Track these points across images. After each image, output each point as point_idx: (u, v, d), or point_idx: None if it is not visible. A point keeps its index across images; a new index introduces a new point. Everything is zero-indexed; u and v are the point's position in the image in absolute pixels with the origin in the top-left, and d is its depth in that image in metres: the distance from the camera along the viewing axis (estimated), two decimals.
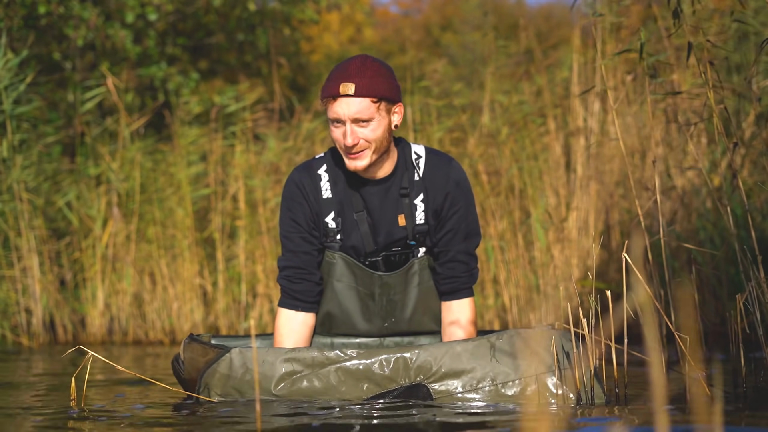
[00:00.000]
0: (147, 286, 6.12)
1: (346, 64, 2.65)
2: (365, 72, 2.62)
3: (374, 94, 2.60)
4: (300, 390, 2.47)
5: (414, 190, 2.75)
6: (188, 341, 2.61)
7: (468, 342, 2.50)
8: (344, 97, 2.59)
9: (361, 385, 2.46)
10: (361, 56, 2.67)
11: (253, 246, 6.07)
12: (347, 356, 2.47)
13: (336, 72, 2.64)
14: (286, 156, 6.26)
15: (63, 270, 6.15)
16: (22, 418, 2.44)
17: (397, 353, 2.46)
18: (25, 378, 3.76)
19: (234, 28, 8.37)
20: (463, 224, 2.77)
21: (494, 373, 2.46)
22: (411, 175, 2.75)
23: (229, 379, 2.49)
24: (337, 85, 2.61)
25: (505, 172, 5.47)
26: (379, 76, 2.63)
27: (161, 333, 6.07)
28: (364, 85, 2.60)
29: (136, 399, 2.88)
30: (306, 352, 2.49)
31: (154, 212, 6.18)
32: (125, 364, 4.26)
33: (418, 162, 2.76)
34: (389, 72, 2.68)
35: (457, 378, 2.46)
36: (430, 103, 5.87)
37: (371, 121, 2.62)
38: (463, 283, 2.77)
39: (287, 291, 2.75)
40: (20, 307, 5.85)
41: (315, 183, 2.77)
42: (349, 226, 2.75)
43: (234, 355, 2.50)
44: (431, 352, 2.46)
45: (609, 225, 5.26)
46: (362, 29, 19.35)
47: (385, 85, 2.63)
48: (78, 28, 6.92)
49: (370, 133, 2.63)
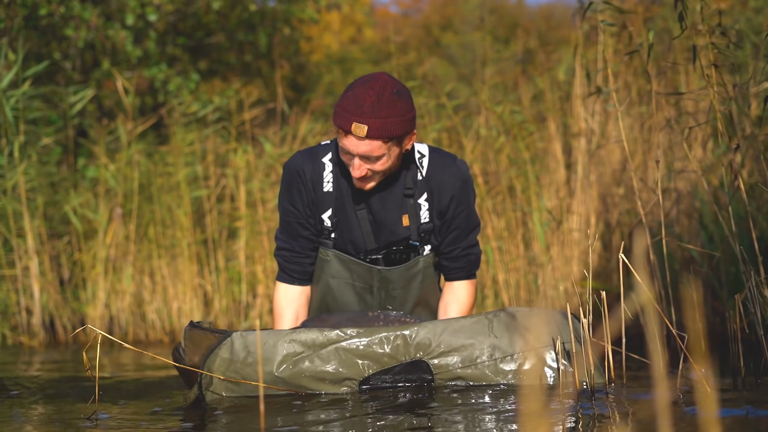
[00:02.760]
0: (147, 286, 6.12)
1: (363, 95, 2.53)
2: (380, 110, 2.52)
3: (387, 136, 2.54)
4: (302, 371, 2.48)
5: (417, 189, 2.74)
6: (189, 328, 2.63)
7: (466, 318, 2.56)
8: (354, 137, 2.54)
9: (362, 364, 2.49)
10: (378, 86, 2.55)
11: (253, 246, 6.08)
12: (347, 335, 2.50)
13: (351, 103, 2.54)
14: (283, 159, 6.28)
15: (63, 270, 6.15)
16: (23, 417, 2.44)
17: (397, 331, 2.51)
18: (24, 377, 3.76)
19: (234, 28, 8.37)
20: (467, 221, 2.79)
21: (492, 349, 2.50)
22: (414, 175, 2.73)
23: (231, 363, 2.50)
24: (350, 122, 2.52)
25: (504, 173, 5.47)
26: (393, 114, 2.53)
27: (161, 333, 6.07)
28: (378, 126, 2.52)
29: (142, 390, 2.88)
30: (306, 333, 2.51)
31: (153, 212, 6.19)
32: (125, 364, 4.26)
33: (421, 161, 2.74)
34: (405, 104, 2.57)
35: (456, 354, 2.50)
36: (422, 104, 5.86)
37: (382, 157, 2.59)
38: (467, 270, 2.85)
39: (283, 268, 2.84)
40: (20, 307, 5.85)
41: (317, 172, 2.74)
42: (350, 222, 2.74)
43: (235, 338, 2.51)
44: (430, 329, 2.51)
45: (609, 225, 5.25)
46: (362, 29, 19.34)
47: (399, 125, 2.55)
48: (79, 28, 6.92)
49: (379, 166, 2.61)
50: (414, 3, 25.44)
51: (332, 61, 13.64)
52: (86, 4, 7.07)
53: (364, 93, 2.53)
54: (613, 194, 5.24)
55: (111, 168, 6.23)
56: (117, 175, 6.23)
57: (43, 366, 4.44)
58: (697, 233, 4.54)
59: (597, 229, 5.19)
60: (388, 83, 2.55)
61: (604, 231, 5.20)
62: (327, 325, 2.65)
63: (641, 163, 5.06)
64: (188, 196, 6.16)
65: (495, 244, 5.39)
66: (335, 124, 2.56)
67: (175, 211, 6.15)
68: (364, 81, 2.57)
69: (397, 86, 2.57)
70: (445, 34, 18.66)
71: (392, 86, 2.55)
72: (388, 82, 2.55)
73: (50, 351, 5.37)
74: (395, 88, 2.56)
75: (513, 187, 5.49)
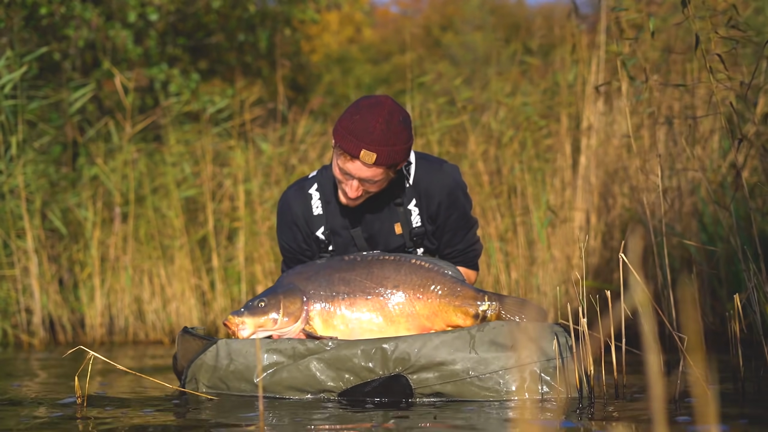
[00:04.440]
0: (146, 286, 6.11)
1: (372, 122, 2.56)
2: (389, 139, 2.56)
3: (391, 164, 2.60)
4: (281, 380, 2.48)
5: (406, 197, 2.78)
6: (181, 334, 2.63)
7: (447, 333, 2.50)
8: (361, 163, 2.57)
9: (341, 376, 2.47)
10: (386, 112, 2.57)
11: (252, 247, 6.07)
12: (327, 347, 2.48)
13: (359, 129, 2.56)
14: (283, 158, 6.28)
15: (62, 270, 6.15)
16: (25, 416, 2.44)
17: (376, 344, 2.47)
18: (25, 377, 3.76)
19: (234, 29, 8.37)
20: (461, 222, 2.82)
21: (472, 366, 2.44)
22: (402, 183, 2.77)
23: (215, 370, 2.51)
24: (359, 148, 2.55)
25: (509, 171, 5.47)
26: (399, 143, 2.58)
27: (161, 333, 6.06)
28: (386, 155, 2.56)
29: (136, 397, 2.87)
30: (287, 343, 2.51)
31: (148, 213, 6.18)
32: (125, 364, 4.26)
33: (408, 168, 2.78)
34: (408, 132, 2.62)
35: (436, 370, 2.45)
36: (431, 107, 5.86)
37: (380, 181, 2.64)
38: (471, 266, 2.92)
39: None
40: (20, 307, 5.84)
41: (306, 203, 2.83)
42: (345, 242, 2.81)
43: (221, 346, 2.52)
44: (410, 344, 2.46)
45: (610, 224, 5.25)
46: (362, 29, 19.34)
47: (403, 153, 2.61)
48: (79, 28, 6.92)
49: (375, 188, 2.67)
50: (414, 3, 25.44)
51: (332, 60, 13.63)
52: (87, 4, 7.07)
53: (373, 120, 2.56)
54: (614, 193, 5.24)
55: (107, 168, 6.23)
56: (114, 175, 6.23)
57: (42, 366, 4.43)
58: (698, 232, 4.54)
59: (597, 228, 5.18)
60: (395, 110, 2.59)
61: (605, 229, 5.20)
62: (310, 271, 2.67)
63: (643, 162, 5.06)
64: (177, 195, 6.16)
65: (497, 244, 5.38)
66: (341, 147, 2.58)
67: (166, 211, 6.16)
68: (371, 105, 2.59)
69: (402, 113, 2.61)
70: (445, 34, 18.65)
71: (399, 114, 2.60)
72: (395, 109, 2.59)
73: (50, 350, 5.36)
74: (401, 115, 2.60)
75: (515, 186, 5.48)
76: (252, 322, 2.60)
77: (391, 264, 2.65)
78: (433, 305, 2.63)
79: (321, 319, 2.62)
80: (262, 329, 2.60)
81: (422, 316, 2.63)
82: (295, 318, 2.61)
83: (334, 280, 2.64)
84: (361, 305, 2.62)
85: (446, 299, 2.63)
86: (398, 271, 2.64)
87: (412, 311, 2.63)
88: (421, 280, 2.64)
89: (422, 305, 2.63)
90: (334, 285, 2.63)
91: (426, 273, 2.65)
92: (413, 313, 2.63)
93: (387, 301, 2.62)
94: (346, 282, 2.64)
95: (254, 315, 2.60)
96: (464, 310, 2.63)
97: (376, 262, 2.66)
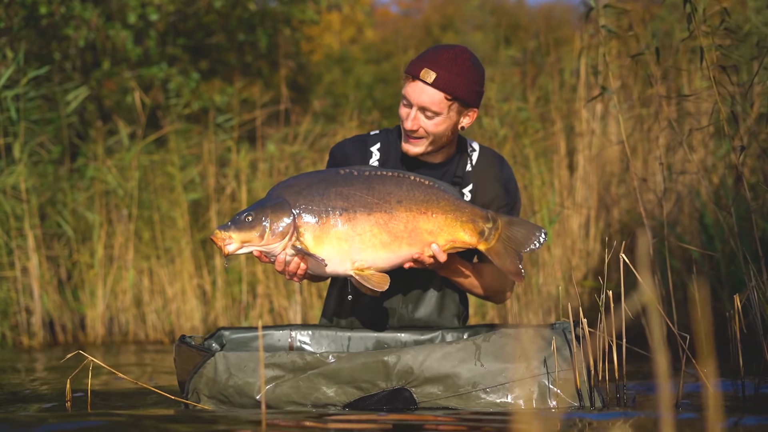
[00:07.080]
0: (146, 287, 6.11)
1: (441, 50, 2.61)
2: (453, 67, 2.58)
3: (451, 92, 2.58)
4: (282, 395, 2.42)
5: (464, 180, 2.75)
6: (178, 344, 2.57)
7: (452, 344, 2.41)
8: (421, 82, 2.57)
9: (343, 390, 2.40)
10: (459, 48, 2.62)
11: None
12: (328, 361, 2.40)
13: (428, 53, 2.61)
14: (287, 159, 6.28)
15: (62, 270, 6.15)
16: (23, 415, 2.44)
17: (378, 357, 2.39)
18: (26, 376, 3.76)
19: (234, 29, 8.37)
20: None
21: (478, 378, 2.37)
22: (464, 165, 2.75)
23: (215, 383, 2.46)
24: (421, 67, 2.58)
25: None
26: (464, 76, 2.58)
27: (161, 333, 6.06)
28: (446, 79, 2.57)
29: (135, 403, 2.87)
30: (287, 356, 2.43)
31: (151, 213, 6.18)
32: (125, 364, 4.26)
33: (471, 154, 2.77)
34: (478, 76, 2.62)
35: (440, 383, 2.38)
36: None
37: (438, 116, 2.61)
38: None
39: None
40: (20, 307, 5.84)
41: (365, 153, 2.75)
42: None
43: (218, 359, 2.45)
44: (413, 356, 2.38)
45: (610, 225, 5.25)
46: (363, 29, 19.34)
47: (466, 87, 2.59)
48: (79, 28, 6.92)
49: (432, 126, 2.62)
50: (414, 3, 25.44)
51: (332, 61, 13.63)
52: (87, 4, 7.07)
53: (443, 50, 2.61)
54: (613, 195, 5.24)
55: (112, 169, 6.23)
56: (118, 176, 6.23)
57: (42, 365, 4.44)
58: (698, 234, 4.54)
59: (597, 229, 5.18)
60: (467, 52, 2.63)
61: (605, 231, 5.20)
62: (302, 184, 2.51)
63: (642, 164, 5.06)
64: (185, 198, 6.16)
65: None
66: (405, 71, 2.61)
67: (172, 212, 6.15)
68: (445, 44, 2.65)
69: (474, 60, 2.63)
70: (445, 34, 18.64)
71: (471, 56, 2.62)
72: (467, 52, 2.63)
73: (50, 351, 5.37)
74: (473, 59, 2.63)
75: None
76: (238, 237, 2.45)
77: (391, 179, 2.55)
78: (438, 220, 2.54)
79: (313, 235, 2.47)
80: (249, 245, 2.46)
81: (425, 232, 2.53)
82: (282, 234, 2.46)
83: (330, 194, 2.49)
84: (363, 221, 2.49)
85: (453, 215, 2.55)
86: (400, 186, 2.54)
87: (415, 227, 2.53)
88: (425, 196, 2.54)
89: (426, 220, 2.53)
90: (330, 199, 2.49)
91: (428, 189, 2.56)
92: (416, 229, 2.52)
93: (391, 218, 2.51)
94: (344, 197, 2.50)
95: (241, 230, 2.45)
96: (471, 226, 2.55)
97: (376, 177, 2.55)
